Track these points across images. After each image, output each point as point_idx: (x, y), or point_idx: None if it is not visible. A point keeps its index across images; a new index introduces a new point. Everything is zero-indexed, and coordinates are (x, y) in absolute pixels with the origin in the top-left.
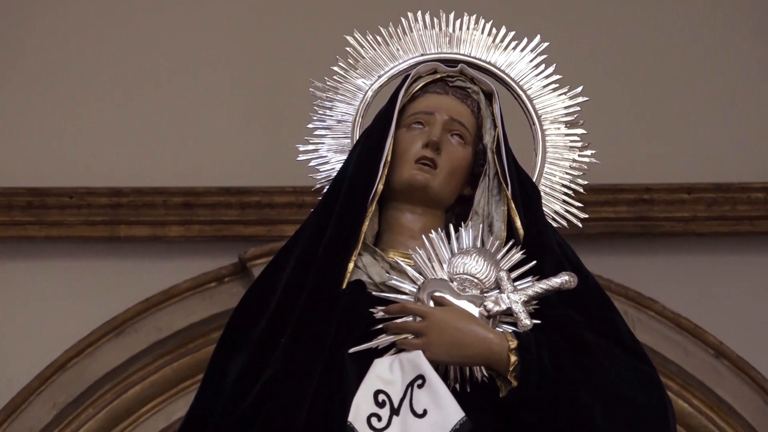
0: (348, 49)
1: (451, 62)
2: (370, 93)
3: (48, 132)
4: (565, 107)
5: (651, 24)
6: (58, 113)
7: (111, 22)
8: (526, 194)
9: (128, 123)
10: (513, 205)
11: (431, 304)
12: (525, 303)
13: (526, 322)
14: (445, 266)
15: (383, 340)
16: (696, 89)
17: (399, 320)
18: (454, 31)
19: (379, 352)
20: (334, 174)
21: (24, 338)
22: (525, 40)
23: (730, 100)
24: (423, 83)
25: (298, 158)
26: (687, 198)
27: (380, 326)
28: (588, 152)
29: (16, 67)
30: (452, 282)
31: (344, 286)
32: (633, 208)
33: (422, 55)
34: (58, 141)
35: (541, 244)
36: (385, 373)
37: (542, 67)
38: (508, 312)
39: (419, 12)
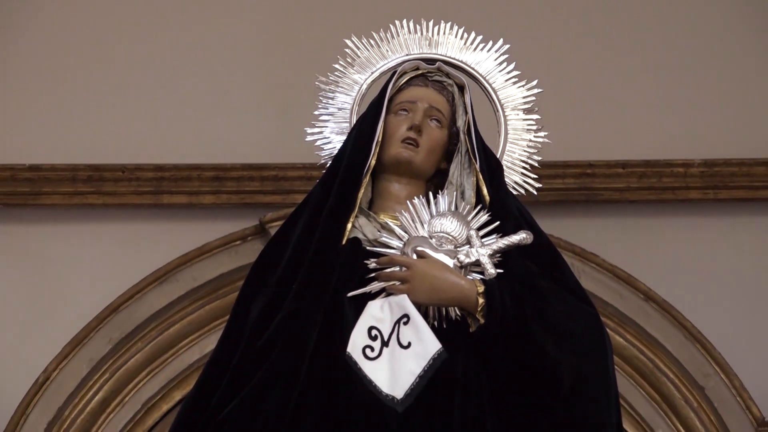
0: (347, 50)
1: (430, 61)
2: (364, 86)
3: (105, 119)
4: (523, 97)
5: (589, 28)
6: (112, 103)
7: (151, 21)
8: (492, 168)
9: (170, 112)
10: (481, 177)
11: (414, 256)
12: (490, 256)
13: (492, 271)
14: (425, 226)
15: (375, 286)
16: (630, 83)
17: (388, 270)
18: (433, 35)
19: (373, 296)
20: (336, 152)
21: (85, 287)
22: (490, 43)
23: (657, 91)
24: (407, 78)
25: (307, 139)
26: (622, 172)
27: (373, 275)
28: (541, 134)
29: (79, 65)
30: (431, 239)
31: (344, 242)
32: (578, 180)
33: (407, 55)
34: (113, 126)
35: (503, 208)
36: (377, 313)
37: (504, 64)
38: (477, 263)
39: (405, 20)
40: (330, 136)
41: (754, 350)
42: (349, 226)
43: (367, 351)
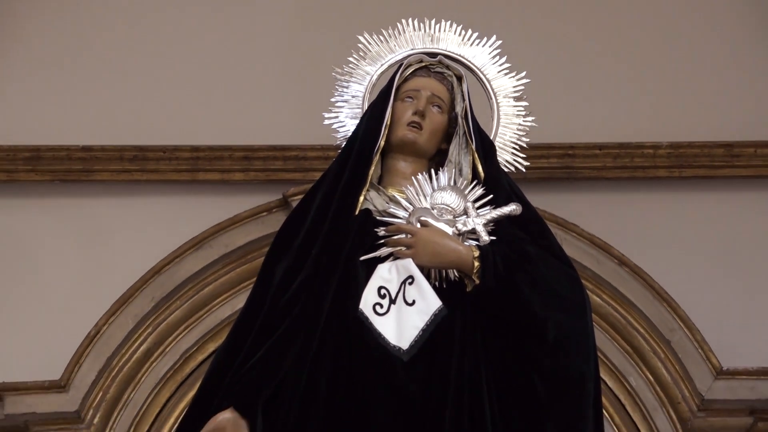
0: (359, 45)
1: (432, 54)
2: (375, 76)
3: (148, 105)
4: (513, 86)
5: (574, 29)
6: (155, 92)
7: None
8: (486, 148)
9: (205, 99)
10: (476, 156)
11: (418, 225)
12: (485, 225)
13: (486, 238)
14: (428, 198)
15: (384, 251)
16: (606, 75)
17: (395, 237)
18: (434, 32)
19: (382, 260)
20: (350, 134)
21: (131, 252)
22: (485, 39)
23: (629, 83)
24: (412, 69)
25: (324, 123)
26: (599, 153)
27: (382, 241)
28: (529, 119)
29: (125, 58)
30: (433, 210)
31: (356, 213)
32: (560, 160)
33: (412, 49)
34: (155, 112)
35: (496, 184)
36: (386, 275)
37: (497, 57)
38: (473, 231)
39: (410, 19)
40: (345, 121)
41: (713, 308)
42: (362, 198)
43: (377, 308)
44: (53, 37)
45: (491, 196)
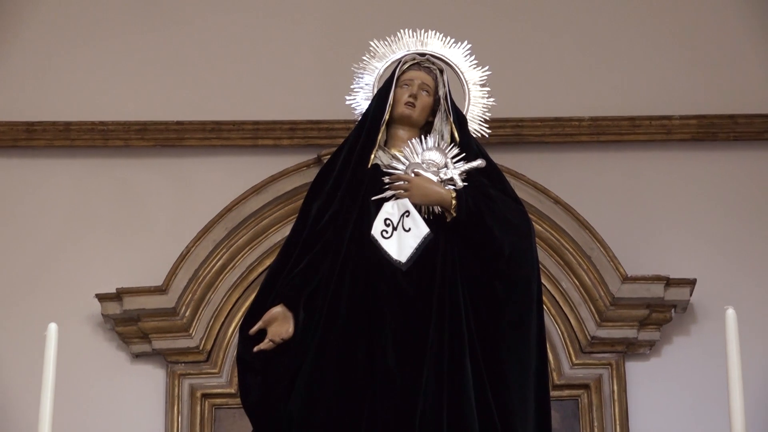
0: (371, 47)
1: (422, 54)
2: (381, 70)
3: (224, 92)
4: (479, 77)
5: (521, 30)
6: (227, 81)
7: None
8: (460, 120)
9: (263, 86)
10: (453, 126)
11: (412, 174)
12: (459, 175)
13: (460, 184)
14: (419, 156)
15: (389, 193)
16: (542, 69)
17: (396, 183)
18: (424, 39)
19: (387, 199)
20: (364, 111)
21: (211, 195)
22: (459, 43)
23: (560, 73)
24: (408, 65)
25: (346, 103)
26: (540, 124)
27: (387, 186)
28: (491, 100)
29: (202, 49)
30: (423, 164)
31: (369, 166)
32: (513, 129)
33: (408, 50)
34: (229, 97)
35: (467, 145)
36: (390, 210)
37: (468, 56)
38: (451, 179)
39: (406, 29)
40: (360, 102)
41: (622, 233)
42: (372, 156)
43: (384, 233)
44: (153, 34)
45: (464, 154)
